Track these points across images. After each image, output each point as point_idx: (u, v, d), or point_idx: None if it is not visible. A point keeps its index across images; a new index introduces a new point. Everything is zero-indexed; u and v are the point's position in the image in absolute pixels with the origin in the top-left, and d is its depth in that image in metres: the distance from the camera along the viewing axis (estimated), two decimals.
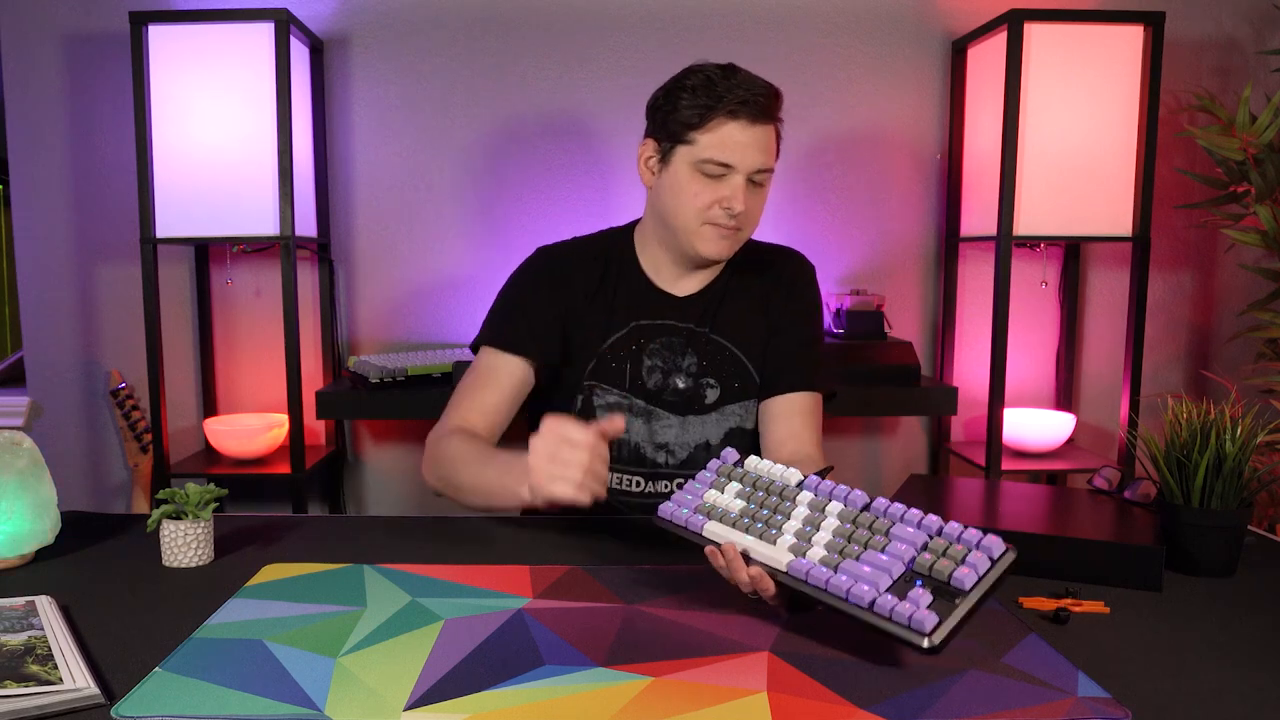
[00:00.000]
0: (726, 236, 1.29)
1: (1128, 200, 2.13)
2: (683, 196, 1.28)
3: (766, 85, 1.26)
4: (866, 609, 0.82)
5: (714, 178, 1.26)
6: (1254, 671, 0.82)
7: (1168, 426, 1.09)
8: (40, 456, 1.12)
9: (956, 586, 0.82)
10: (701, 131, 1.25)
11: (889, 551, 0.87)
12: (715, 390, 1.37)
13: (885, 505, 0.92)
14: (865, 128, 2.38)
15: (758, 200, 1.30)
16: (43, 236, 2.33)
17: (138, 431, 2.28)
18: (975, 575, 0.82)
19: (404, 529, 1.23)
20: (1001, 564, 0.84)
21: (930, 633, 0.78)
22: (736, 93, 1.23)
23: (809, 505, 0.95)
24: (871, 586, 0.83)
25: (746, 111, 1.23)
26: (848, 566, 0.86)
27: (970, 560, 0.83)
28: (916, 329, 2.45)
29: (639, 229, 1.42)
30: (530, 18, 2.32)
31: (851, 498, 0.94)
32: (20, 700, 0.73)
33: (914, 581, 0.84)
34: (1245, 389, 2.19)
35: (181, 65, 2.04)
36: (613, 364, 1.36)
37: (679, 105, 1.27)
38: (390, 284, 2.39)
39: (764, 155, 1.26)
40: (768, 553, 0.91)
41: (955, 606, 0.80)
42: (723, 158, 1.25)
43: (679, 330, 1.38)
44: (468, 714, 0.72)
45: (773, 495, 0.98)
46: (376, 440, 2.44)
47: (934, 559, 0.85)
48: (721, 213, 1.27)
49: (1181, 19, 2.34)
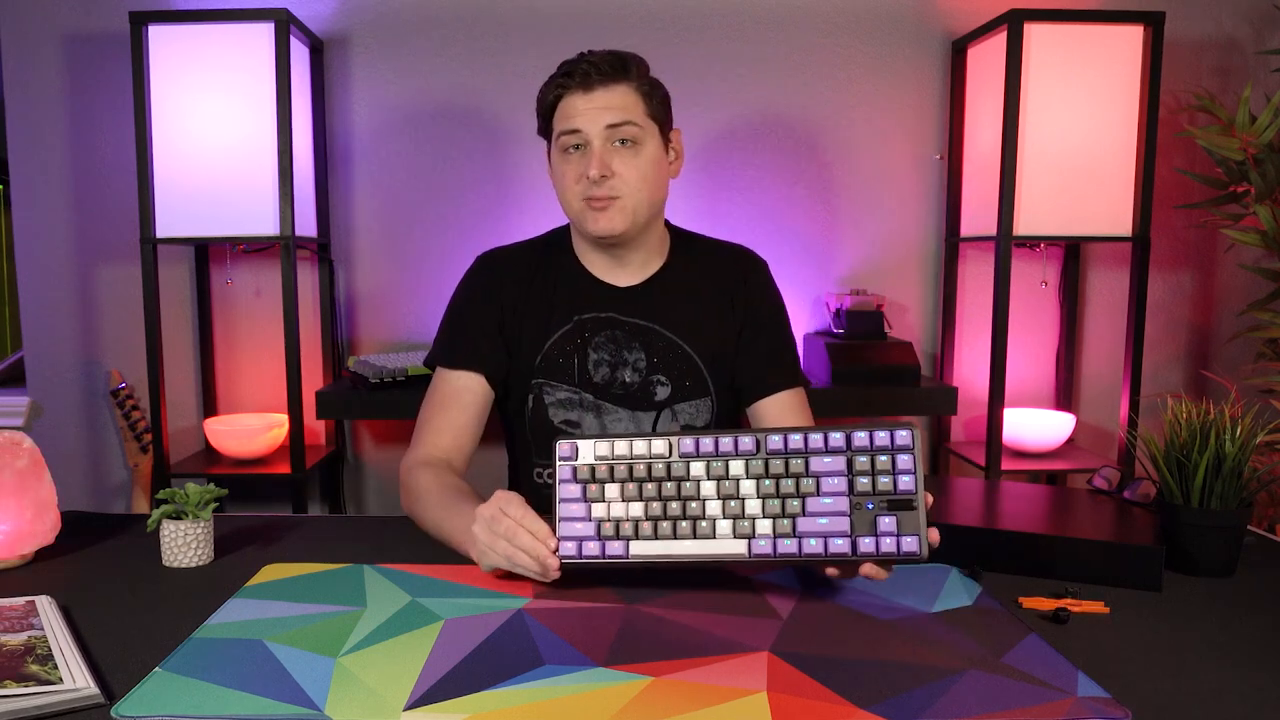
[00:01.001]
0: (604, 207, 1.27)
1: (1128, 200, 2.13)
2: (558, 180, 1.31)
3: (604, 55, 1.27)
4: (850, 555, 0.90)
5: (575, 151, 1.28)
6: (1254, 671, 0.82)
7: (1167, 426, 1.09)
8: (40, 456, 1.12)
9: (905, 494, 0.90)
10: (554, 115, 1.29)
11: (825, 490, 0.92)
12: (666, 388, 1.36)
13: (780, 442, 0.94)
14: (865, 128, 2.38)
15: (633, 165, 1.27)
16: (43, 236, 2.33)
17: (138, 431, 2.28)
18: (913, 476, 0.91)
19: (404, 529, 1.23)
20: (919, 447, 0.92)
21: (920, 551, 0.88)
22: (565, 67, 1.27)
23: (710, 476, 0.95)
24: (842, 536, 0.90)
25: (577, 81, 1.26)
26: (804, 526, 0.91)
27: (900, 465, 0.91)
28: (916, 329, 2.45)
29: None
30: (530, 18, 2.32)
31: (743, 447, 0.95)
32: (20, 700, 0.73)
33: (865, 505, 0.91)
34: (1245, 389, 2.19)
35: (181, 65, 2.04)
36: (559, 360, 1.35)
37: (537, 102, 1.32)
38: (390, 284, 2.39)
39: (611, 113, 1.25)
40: (717, 549, 0.92)
41: (915, 511, 0.90)
42: (569, 126, 1.26)
43: (623, 324, 1.36)
44: (468, 714, 0.72)
45: (666, 482, 0.95)
46: (376, 440, 2.44)
47: (869, 478, 0.91)
48: (587, 184, 1.26)
49: (1181, 19, 2.34)
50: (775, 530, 0.92)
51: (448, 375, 1.35)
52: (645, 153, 1.28)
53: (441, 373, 1.36)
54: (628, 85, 1.27)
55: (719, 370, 1.38)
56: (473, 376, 1.33)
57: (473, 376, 1.33)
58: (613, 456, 0.98)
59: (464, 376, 1.33)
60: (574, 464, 0.99)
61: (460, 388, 1.33)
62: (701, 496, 0.95)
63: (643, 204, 1.29)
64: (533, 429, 1.37)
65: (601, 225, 1.28)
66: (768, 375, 1.37)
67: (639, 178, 1.28)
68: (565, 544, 0.96)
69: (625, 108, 1.26)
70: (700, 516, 0.94)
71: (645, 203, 1.30)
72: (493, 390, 1.35)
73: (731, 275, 1.40)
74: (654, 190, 1.30)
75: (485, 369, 1.34)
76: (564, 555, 0.96)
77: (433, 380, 1.37)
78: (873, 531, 0.90)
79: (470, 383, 1.33)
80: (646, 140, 1.28)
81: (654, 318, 1.36)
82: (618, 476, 0.97)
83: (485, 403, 1.35)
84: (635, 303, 1.37)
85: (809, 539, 0.90)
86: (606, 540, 0.95)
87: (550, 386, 1.35)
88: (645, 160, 1.28)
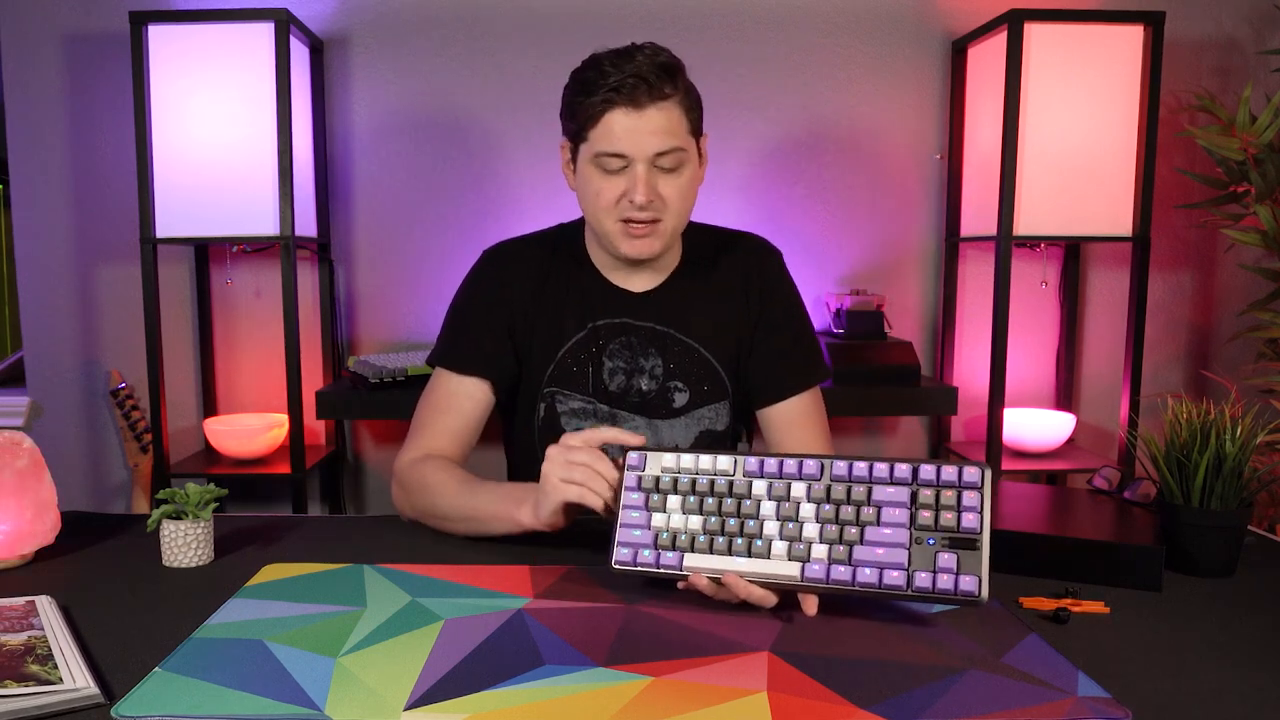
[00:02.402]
0: (644, 234, 1.22)
1: (1128, 200, 2.13)
2: (590, 196, 1.23)
3: (652, 63, 1.17)
4: (905, 590, 0.87)
5: (614, 172, 1.20)
6: (1254, 671, 0.82)
7: (1168, 426, 1.09)
8: (40, 456, 1.12)
9: (969, 533, 0.87)
10: (591, 127, 1.19)
11: (885, 521, 0.89)
12: (684, 394, 1.32)
13: (845, 469, 0.93)
14: (865, 128, 2.38)
15: (675, 186, 1.21)
16: (43, 236, 2.33)
17: (138, 431, 2.28)
18: (978, 515, 0.87)
19: (404, 529, 1.23)
20: (988, 486, 0.89)
21: (979, 593, 0.84)
22: (610, 80, 1.16)
23: (771, 497, 0.94)
24: (898, 569, 0.87)
25: (623, 99, 1.16)
26: (860, 555, 0.88)
27: (966, 502, 0.88)
28: (916, 329, 2.45)
29: (588, 224, 1.34)
30: (530, 18, 2.32)
31: (806, 471, 0.94)
32: (20, 700, 0.72)
33: (925, 540, 0.88)
34: (1245, 389, 2.19)
35: (181, 65, 2.04)
36: (573, 368, 1.31)
37: (568, 103, 1.22)
38: (390, 284, 2.39)
39: (660, 138, 1.18)
40: (771, 569, 0.91)
41: (979, 551, 0.86)
42: (614, 149, 1.18)
43: (639, 329, 1.32)
44: (468, 714, 0.72)
45: (726, 498, 0.95)
46: (376, 440, 2.44)
47: (933, 513, 0.88)
48: (629, 206, 1.20)
49: (1181, 19, 2.34)
50: (831, 556, 0.90)
51: (449, 378, 1.30)
52: (686, 173, 1.23)
53: (442, 374, 1.31)
54: (675, 101, 1.19)
55: (737, 370, 1.35)
56: (476, 382, 1.30)
57: (476, 382, 1.30)
58: (678, 469, 0.99)
59: (467, 382, 1.30)
60: (640, 474, 1.00)
61: (462, 393, 1.30)
62: (760, 516, 0.94)
63: (679, 224, 1.26)
64: (542, 438, 1.33)
65: (640, 249, 1.24)
66: (777, 380, 1.33)
67: (680, 199, 1.23)
68: (621, 550, 0.96)
69: (672, 130, 1.19)
70: (757, 535, 0.93)
71: (681, 223, 1.27)
72: (496, 397, 1.32)
73: (746, 270, 1.35)
74: (690, 208, 1.27)
75: (491, 375, 1.30)
76: (619, 561, 0.96)
77: (432, 379, 1.33)
78: (931, 568, 0.87)
79: (472, 389, 1.30)
80: (689, 161, 1.23)
81: (669, 322, 1.33)
82: (680, 489, 0.98)
83: (486, 409, 1.32)
84: (650, 308, 1.33)
85: (864, 568, 0.88)
86: (663, 550, 0.95)
87: (563, 395, 1.32)
88: (686, 180, 1.23)
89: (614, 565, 0.96)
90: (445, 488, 1.18)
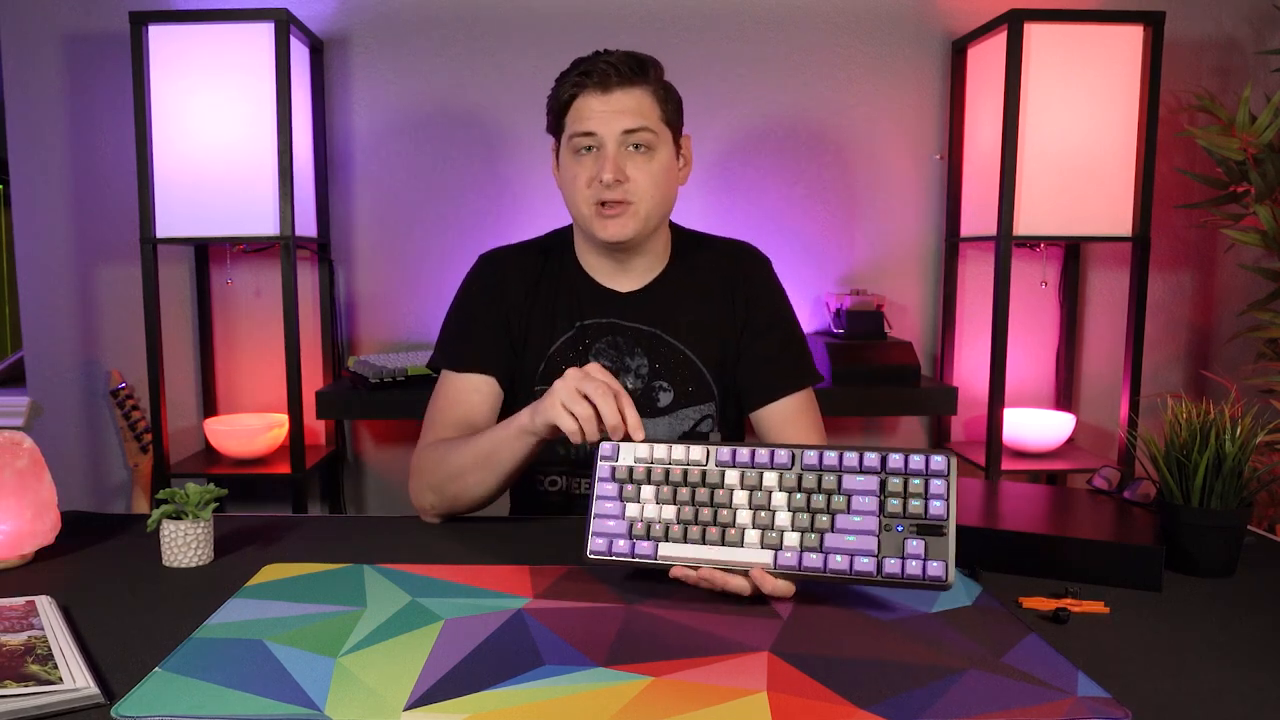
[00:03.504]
0: (615, 214, 1.26)
1: (1128, 200, 2.13)
2: (568, 182, 1.29)
3: (624, 55, 1.25)
4: (875, 576, 0.89)
5: (587, 153, 1.26)
6: (1254, 671, 0.82)
7: (1167, 426, 1.09)
8: (40, 456, 1.12)
9: (936, 519, 0.90)
10: (567, 114, 1.27)
11: (855, 509, 0.92)
12: (669, 394, 1.34)
13: (815, 458, 0.95)
14: (865, 128, 2.38)
15: (646, 170, 1.26)
16: (43, 236, 2.33)
17: (138, 431, 2.28)
18: (945, 502, 0.91)
19: (404, 529, 1.23)
20: (954, 474, 0.92)
21: (946, 578, 0.88)
22: (582, 66, 1.25)
23: (743, 486, 0.96)
24: (868, 556, 0.90)
25: (594, 81, 1.24)
26: (832, 542, 0.91)
27: (933, 490, 0.91)
28: (916, 329, 2.45)
29: (573, 220, 1.38)
30: (530, 18, 2.32)
31: (778, 461, 0.96)
32: (20, 700, 0.73)
33: (894, 527, 0.91)
34: (1245, 389, 2.19)
35: (181, 65, 2.04)
36: (562, 366, 1.33)
37: (549, 99, 1.30)
38: (390, 284, 2.39)
39: (628, 117, 1.24)
40: (743, 557, 0.93)
41: (945, 537, 0.90)
42: (583, 128, 1.25)
43: (626, 329, 1.35)
44: (468, 714, 0.72)
45: (700, 488, 0.97)
46: (376, 440, 2.44)
47: (901, 501, 0.91)
48: (599, 187, 1.25)
49: (1181, 19, 2.34)
50: (803, 544, 0.92)
51: (454, 377, 1.33)
52: (658, 159, 1.27)
53: (447, 375, 1.34)
54: (645, 88, 1.26)
55: (723, 374, 1.36)
56: (481, 378, 1.32)
57: (481, 378, 1.32)
58: (651, 460, 1.00)
59: (472, 379, 1.32)
60: (614, 464, 1.01)
61: (470, 390, 1.32)
62: (733, 505, 0.96)
63: (654, 211, 1.29)
64: None
65: (612, 231, 1.27)
66: (767, 382, 1.34)
67: (651, 184, 1.27)
68: (596, 540, 0.98)
69: (642, 112, 1.25)
70: (730, 524, 0.95)
71: (656, 210, 1.29)
72: (502, 391, 1.34)
73: (732, 275, 1.38)
74: (665, 197, 1.30)
75: (494, 370, 1.32)
76: (594, 551, 0.98)
77: (438, 383, 1.35)
78: (900, 554, 0.90)
79: (480, 384, 1.32)
80: (660, 146, 1.27)
81: (656, 323, 1.35)
82: (654, 479, 0.99)
83: (494, 403, 1.33)
84: (637, 308, 1.35)
85: (835, 555, 0.91)
86: (637, 540, 0.97)
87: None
88: (658, 166, 1.27)
89: (589, 555, 0.98)
90: (455, 445, 1.22)
